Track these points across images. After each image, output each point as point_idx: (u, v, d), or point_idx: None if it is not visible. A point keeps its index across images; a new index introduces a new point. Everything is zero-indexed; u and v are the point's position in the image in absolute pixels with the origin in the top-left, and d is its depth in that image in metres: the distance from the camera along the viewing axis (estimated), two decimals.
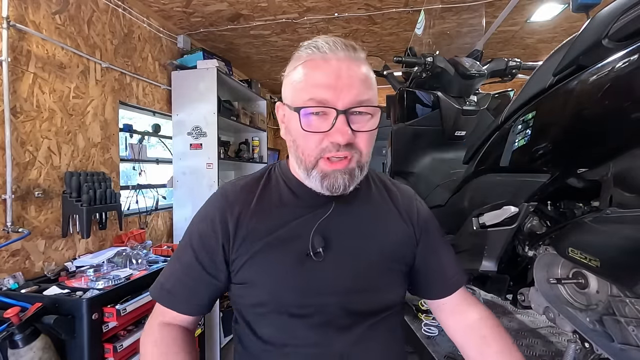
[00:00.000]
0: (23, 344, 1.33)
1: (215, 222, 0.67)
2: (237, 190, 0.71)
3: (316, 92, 0.58)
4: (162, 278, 0.70)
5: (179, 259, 0.70)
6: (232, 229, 0.66)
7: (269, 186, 0.72)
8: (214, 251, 0.66)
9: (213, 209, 0.69)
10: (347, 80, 0.59)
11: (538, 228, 0.89)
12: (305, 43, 0.64)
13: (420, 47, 1.75)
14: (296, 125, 0.61)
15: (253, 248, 0.65)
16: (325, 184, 0.62)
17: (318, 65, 0.60)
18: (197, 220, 0.71)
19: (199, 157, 2.89)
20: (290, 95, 0.63)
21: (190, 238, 0.69)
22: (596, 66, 0.62)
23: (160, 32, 2.87)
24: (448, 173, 1.53)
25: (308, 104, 0.59)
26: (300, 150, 0.63)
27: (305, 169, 0.63)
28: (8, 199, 1.64)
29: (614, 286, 0.68)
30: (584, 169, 0.69)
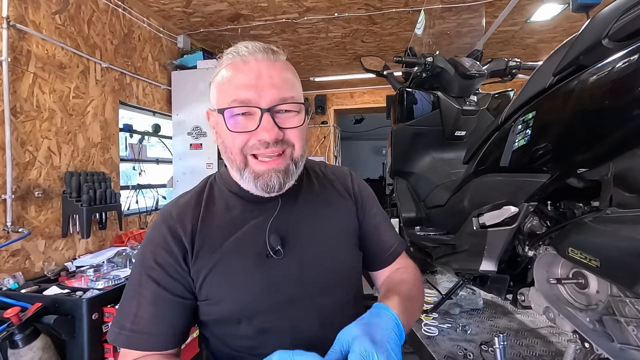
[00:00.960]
0: (23, 344, 1.33)
1: (169, 242, 0.63)
2: (180, 208, 0.68)
3: (238, 93, 0.60)
4: (122, 321, 0.61)
5: (138, 295, 0.62)
6: (188, 243, 0.64)
7: (212, 196, 0.71)
8: (177, 272, 0.63)
9: (160, 233, 0.65)
10: (268, 80, 0.60)
11: (538, 228, 0.89)
12: (228, 50, 0.66)
13: (420, 47, 1.75)
14: (223, 127, 0.62)
15: (211, 260, 0.63)
16: (259, 184, 0.62)
17: (238, 67, 0.62)
18: (145, 251, 0.65)
19: (199, 157, 2.89)
20: (216, 99, 0.65)
21: (146, 270, 0.63)
22: (596, 66, 0.62)
23: (160, 32, 2.87)
24: (448, 173, 1.53)
25: (232, 104, 0.60)
26: (229, 151, 0.63)
27: (237, 169, 0.64)
28: (8, 199, 1.64)
29: (614, 286, 0.68)
30: (584, 169, 0.69)
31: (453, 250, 1.23)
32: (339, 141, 5.86)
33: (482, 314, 1.39)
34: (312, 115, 5.56)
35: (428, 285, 1.65)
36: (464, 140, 1.63)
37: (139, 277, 0.63)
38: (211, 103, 0.67)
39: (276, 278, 0.64)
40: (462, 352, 1.10)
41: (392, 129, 1.73)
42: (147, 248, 0.65)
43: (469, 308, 1.41)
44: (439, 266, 1.64)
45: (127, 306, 0.63)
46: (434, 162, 1.64)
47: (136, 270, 0.65)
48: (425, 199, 1.57)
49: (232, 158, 0.63)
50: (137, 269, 0.65)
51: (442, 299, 1.34)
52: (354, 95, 5.35)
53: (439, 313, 1.34)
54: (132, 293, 0.63)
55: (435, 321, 1.25)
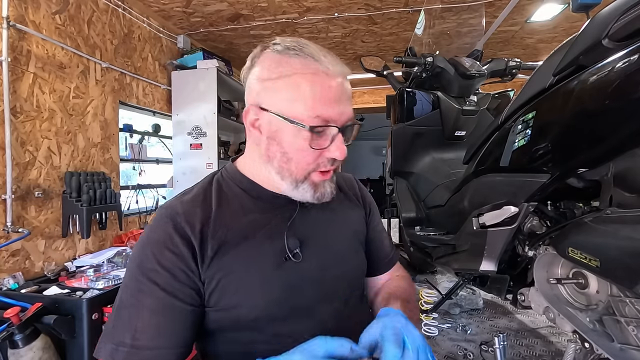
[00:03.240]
0: (23, 344, 1.33)
1: (175, 241, 0.57)
2: (186, 206, 0.62)
3: (324, 110, 0.57)
4: (117, 336, 0.54)
5: (137, 304, 0.55)
6: (197, 245, 0.58)
7: (223, 195, 0.65)
8: (186, 276, 0.57)
9: (164, 232, 0.58)
10: (346, 98, 0.60)
11: (538, 228, 0.89)
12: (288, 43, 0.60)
13: (420, 47, 1.75)
14: (294, 139, 0.58)
15: (227, 264, 0.59)
16: (316, 195, 0.62)
17: (323, 82, 0.57)
18: (145, 253, 0.57)
19: (199, 157, 2.89)
20: (282, 104, 0.58)
21: (146, 275, 0.56)
22: (596, 66, 0.62)
23: (160, 32, 2.87)
24: (448, 173, 1.53)
25: (315, 121, 0.57)
26: (294, 164, 0.60)
27: (294, 181, 0.61)
28: (8, 199, 1.64)
29: (614, 286, 0.68)
30: (584, 169, 0.69)
31: (453, 250, 1.23)
32: None
33: (482, 314, 1.39)
34: None
35: (428, 285, 1.65)
36: (464, 140, 1.63)
37: (136, 283, 0.56)
38: (259, 100, 0.60)
39: (296, 281, 0.62)
40: (462, 352, 1.10)
41: (392, 129, 1.73)
42: (147, 249, 0.57)
43: (469, 308, 1.41)
44: (439, 266, 1.64)
45: (123, 318, 0.55)
46: (434, 162, 1.64)
47: (132, 275, 0.57)
48: (425, 199, 1.57)
49: (293, 170, 0.60)
50: (133, 274, 0.57)
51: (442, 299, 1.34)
52: (354, 95, 5.34)
53: (439, 313, 1.34)
54: (129, 302, 0.56)
55: (435, 321, 1.25)
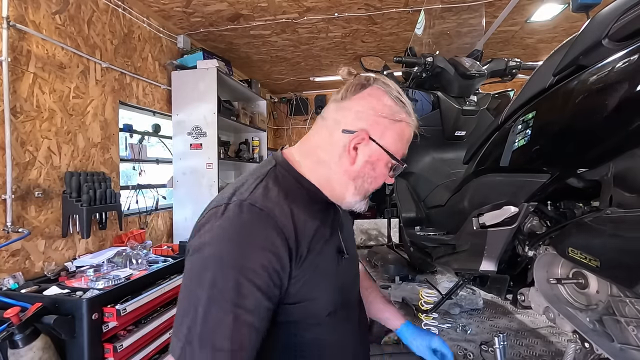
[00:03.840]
0: (23, 344, 1.33)
1: (276, 244, 0.58)
2: (277, 205, 0.63)
3: (403, 150, 0.73)
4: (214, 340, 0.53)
5: (235, 308, 0.54)
6: (293, 244, 0.60)
7: (290, 193, 0.67)
8: (279, 278, 0.58)
9: (265, 234, 0.58)
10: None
11: (538, 228, 0.89)
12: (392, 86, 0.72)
13: (420, 47, 1.75)
14: (385, 170, 0.71)
15: (314, 261, 0.64)
16: (366, 207, 0.75)
17: (409, 130, 0.73)
18: (245, 253, 0.56)
19: (199, 157, 2.89)
20: (392, 144, 0.70)
21: (247, 275, 0.55)
22: (596, 66, 0.62)
23: (160, 32, 2.87)
24: (448, 173, 1.53)
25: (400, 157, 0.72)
26: (373, 185, 0.72)
27: (364, 197, 0.73)
28: (8, 199, 1.64)
29: (614, 286, 0.68)
30: (584, 169, 0.69)
31: (453, 250, 1.23)
32: None
33: (482, 314, 1.39)
34: (312, 115, 5.57)
35: (428, 285, 1.65)
36: (464, 140, 1.63)
37: (236, 284, 0.54)
38: (371, 130, 0.69)
39: (347, 276, 0.74)
40: (462, 352, 1.10)
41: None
42: (249, 250, 0.56)
43: (469, 308, 1.41)
44: (439, 266, 1.64)
45: (217, 320, 0.53)
46: (434, 162, 1.64)
47: (228, 276, 0.55)
48: (425, 199, 1.57)
49: (368, 189, 0.72)
50: (231, 275, 0.55)
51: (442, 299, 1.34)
52: None
53: (439, 313, 1.34)
54: (224, 305, 0.54)
55: (435, 321, 1.24)
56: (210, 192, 2.83)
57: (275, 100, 5.73)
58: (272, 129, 5.73)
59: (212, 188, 2.83)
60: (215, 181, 2.84)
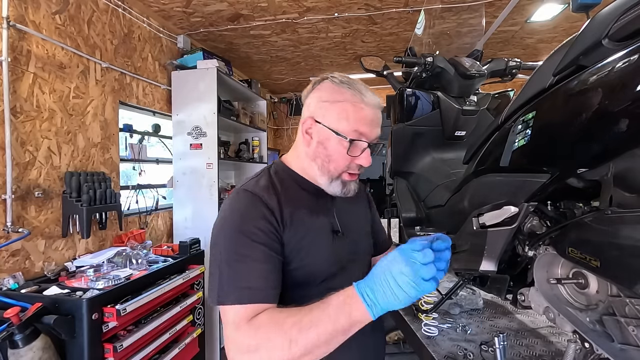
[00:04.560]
0: (23, 344, 1.33)
1: (266, 214, 0.75)
2: (264, 190, 0.80)
3: (361, 128, 0.80)
4: (236, 282, 0.70)
5: (246, 259, 0.71)
6: (278, 216, 0.77)
7: (283, 183, 0.84)
8: (276, 237, 0.75)
9: (256, 208, 0.76)
10: (377, 123, 0.83)
11: (538, 228, 0.89)
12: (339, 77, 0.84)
13: (420, 47, 1.75)
14: (338, 147, 0.80)
15: (298, 233, 0.78)
16: (343, 190, 0.85)
17: (363, 109, 0.80)
18: (243, 222, 0.74)
19: (199, 157, 2.89)
20: (333, 120, 0.81)
21: (249, 236, 0.72)
22: (596, 66, 0.62)
23: (160, 32, 2.87)
24: (448, 173, 1.53)
25: (354, 135, 0.79)
26: (333, 165, 0.82)
27: (330, 177, 0.84)
28: (8, 199, 1.64)
29: (614, 286, 0.68)
30: (584, 169, 0.68)
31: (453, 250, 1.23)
32: None
33: (482, 314, 1.39)
34: None
35: None
36: (464, 140, 1.62)
37: (243, 242, 0.72)
38: (316, 114, 0.83)
39: (341, 251, 0.85)
40: (462, 352, 1.10)
41: (392, 129, 1.73)
42: (244, 219, 0.74)
43: (469, 308, 1.41)
44: None
45: (234, 269, 0.70)
46: (434, 162, 1.64)
47: (233, 239, 0.73)
48: (425, 199, 1.57)
49: (331, 170, 0.83)
50: (234, 238, 0.73)
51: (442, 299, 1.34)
52: None
53: (439, 313, 1.34)
54: (238, 257, 0.71)
55: (435, 321, 1.24)
56: (210, 192, 2.83)
57: (275, 100, 5.73)
58: (272, 129, 5.73)
59: (212, 188, 2.83)
60: (215, 181, 2.84)
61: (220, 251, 0.74)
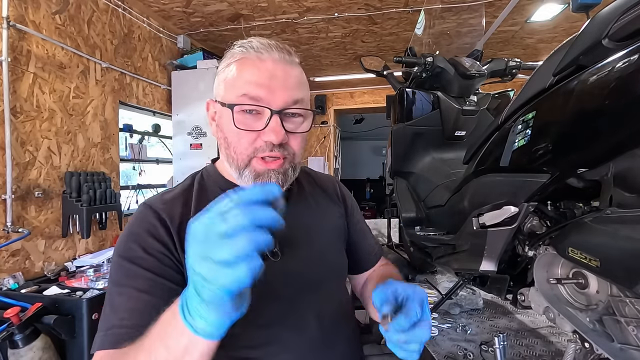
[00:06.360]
0: (23, 344, 1.33)
1: (157, 228, 0.58)
2: (167, 202, 0.63)
3: (250, 89, 0.58)
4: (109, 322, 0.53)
5: (127, 289, 0.55)
6: (176, 236, 0.58)
7: (203, 194, 0.65)
8: (171, 260, 0.57)
9: (145, 221, 0.59)
10: (282, 82, 0.59)
11: (538, 228, 0.89)
12: (239, 42, 0.64)
13: (420, 47, 1.75)
14: (228, 122, 0.59)
15: None
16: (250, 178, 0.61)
17: (253, 64, 0.60)
18: (129, 244, 0.58)
19: (199, 157, 2.89)
20: (223, 92, 0.62)
21: (133, 261, 0.56)
22: (596, 66, 0.62)
23: (160, 32, 2.87)
24: (448, 173, 1.53)
25: (241, 100, 0.58)
26: (232, 148, 0.61)
27: (237, 167, 0.61)
28: (8, 199, 1.64)
29: (614, 286, 0.68)
30: (584, 169, 0.68)
31: (453, 250, 1.23)
32: (339, 141, 5.86)
33: (482, 314, 1.39)
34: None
35: (428, 285, 1.65)
36: (464, 140, 1.63)
37: (125, 271, 0.56)
38: (215, 93, 0.65)
39: (274, 280, 0.59)
40: (462, 352, 1.10)
41: (392, 129, 1.73)
42: (130, 240, 0.58)
43: (469, 308, 1.41)
44: (439, 266, 1.64)
45: (112, 305, 0.55)
46: (434, 162, 1.64)
47: (117, 266, 0.57)
48: (425, 199, 1.57)
49: (234, 156, 0.61)
50: (118, 265, 0.57)
51: (442, 299, 1.34)
52: (354, 95, 5.34)
53: (439, 313, 1.34)
54: (118, 290, 0.55)
55: (435, 321, 1.24)
56: None
57: None
58: None
59: None
60: None
61: (109, 280, 0.59)
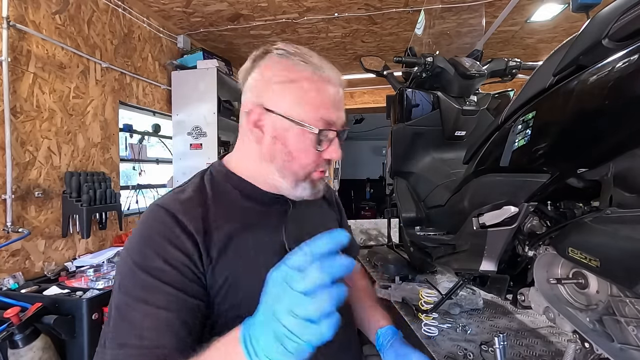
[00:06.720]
0: (23, 344, 1.33)
1: (179, 237, 0.57)
2: (183, 204, 0.61)
3: (325, 113, 0.61)
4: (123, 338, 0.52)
5: (143, 304, 0.53)
6: (202, 243, 0.58)
7: (219, 195, 0.66)
8: (193, 273, 0.56)
9: (165, 227, 0.57)
10: (341, 104, 0.65)
11: (538, 228, 0.89)
12: (291, 49, 0.65)
13: (420, 47, 1.75)
14: (300, 140, 0.62)
15: (234, 264, 0.60)
16: (314, 192, 0.68)
17: (323, 85, 0.62)
18: (145, 251, 0.56)
19: (199, 157, 2.89)
20: (293, 108, 0.61)
21: (153, 274, 0.54)
22: (596, 66, 0.62)
23: (160, 32, 2.87)
24: (448, 173, 1.53)
25: (320, 124, 0.61)
26: (297, 163, 0.63)
27: (294, 180, 0.65)
28: (8, 199, 1.64)
29: (614, 286, 0.68)
30: (584, 169, 0.68)
31: (453, 250, 1.23)
32: None
33: (482, 314, 1.39)
34: None
35: (428, 285, 1.65)
36: (464, 140, 1.63)
37: (141, 283, 0.54)
38: (264, 100, 0.63)
39: None
40: (462, 352, 1.09)
41: (392, 129, 1.73)
42: (147, 246, 0.56)
43: (469, 308, 1.41)
44: (439, 266, 1.64)
45: (125, 319, 0.53)
46: (434, 162, 1.64)
47: (132, 273, 0.55)
48: (425, 199, 1.57)
49: (296, 170, 0.64)
50: (133, 273, 0.54)
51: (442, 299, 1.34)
52: (354, 95, 5.34)
53: (439, 313, 1.34)
54: (131, 303, 0.53)
55: (435, 321, 1.24)
56: None
57: None
58: None
59: None
60: None
61: (115, 290, 0.56)
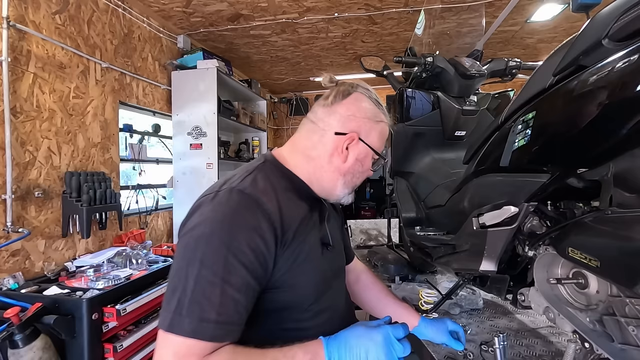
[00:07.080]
0: (23, 344, 1.33)
1: (264, 228, 0.63)
2: (263, 193, 0.68)
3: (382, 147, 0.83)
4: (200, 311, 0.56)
5: (222, 282, 0.58)
6: (280, 230, 0.65)
7: (278, 187, 0.73)
8: (265, 260, 0.63)
9: (253, 217, 0.63)
10: None
11: (538, 228, 0.89)
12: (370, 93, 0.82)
13: (420, 47, 1.75)
14: (369, 163, 0.82)
15: (299, 250, 0.69)
16: (352, 199, 0.85)
17: (386, 129, 0.84)
18: (234, 234, 0.60)
19: (199, 157, 2.89)
20: (375, 142, 0.81)
21: (235, 254, 0.59)
22: (596, 66, 0.62)
23: (160, 32, 2.87)
24: (448, 173, 1.53)
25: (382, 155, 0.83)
26: (359, 178, 0.82)
27: (351, 189, 0.83)
28: (8, 199, 1.64)
29: (614, 286, 0.68)
30: (584, 169, 0.69)
31: (453, 250, 1.23)
32: None
33: (482, 314, 1.39)
34: None
35: (428, 285, 1.65)
36: (464, 140, 1.62)
37: (224, 261, 0.58)
38: (359, 130, 0.78)
39: (328, 268, 0.78)
40: (462, 352, 1.10)
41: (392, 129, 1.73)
42: (237, 230, 0.60)
43: (469, 308, 1.41)
44: (439, 266, 1.64)
45: (205, 293, 0.57)
46: (434, 162, 1.64)
47: (217, 250, 0.59)
48: (425, 199, 1.57)
49: (356, 183, 0.82)
50: (220, 252, 0.59)
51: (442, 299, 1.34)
52: None
53: (439, 313, 1.34)
54: (212, 279, 0.57)
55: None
56: None
57: (275, 100, 5.73)
58: (272, 129, 5.73)
59: None
60: (215, 181, 2.84)
61: (194, 264, 0.58)
